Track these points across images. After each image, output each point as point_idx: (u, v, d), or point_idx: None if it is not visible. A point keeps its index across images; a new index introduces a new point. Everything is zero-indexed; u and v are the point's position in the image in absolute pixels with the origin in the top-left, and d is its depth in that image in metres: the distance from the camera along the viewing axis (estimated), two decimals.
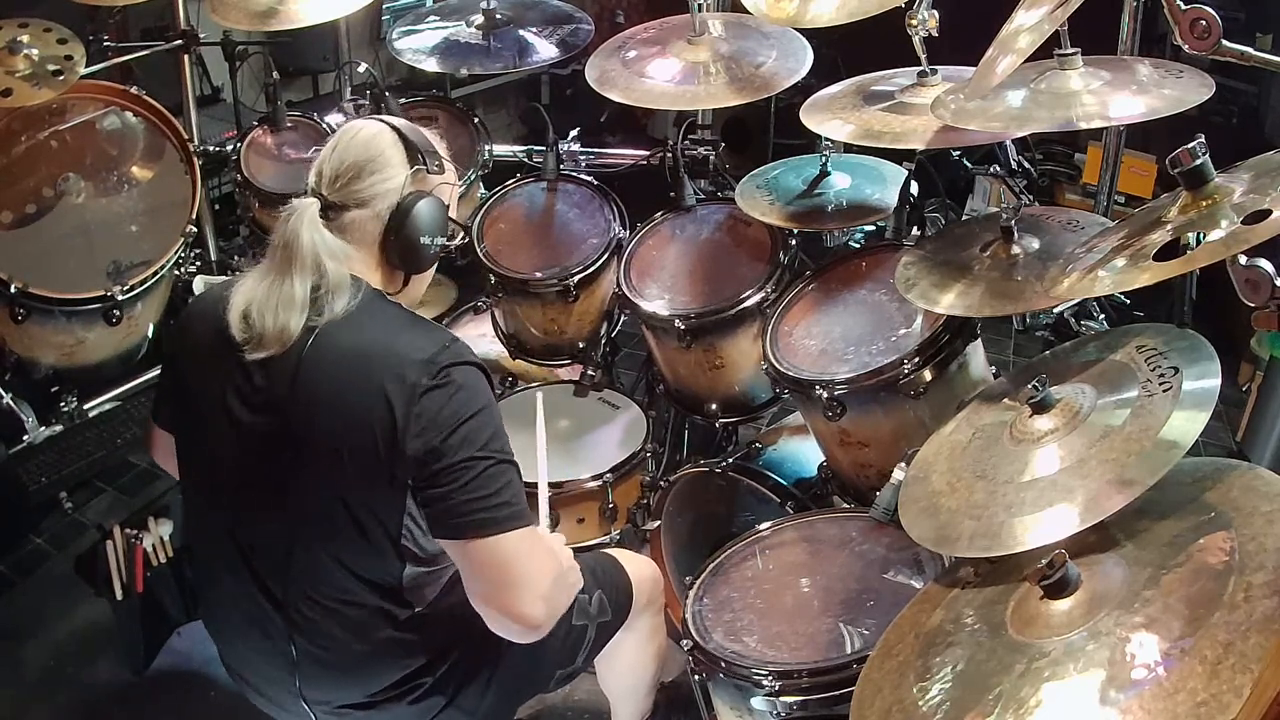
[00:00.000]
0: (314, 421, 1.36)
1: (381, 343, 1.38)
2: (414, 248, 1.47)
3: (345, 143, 1.46)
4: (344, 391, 1.35)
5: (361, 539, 1.38)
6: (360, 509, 1.36)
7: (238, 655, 1.54)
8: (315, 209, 1.41)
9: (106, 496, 2.89)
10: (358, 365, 1.36)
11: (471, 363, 1.39)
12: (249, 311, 1.38)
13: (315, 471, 1.37)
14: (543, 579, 1.38)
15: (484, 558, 1.36)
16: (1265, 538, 1.04)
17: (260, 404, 1.39)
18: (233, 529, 1.44)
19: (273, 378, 1.38)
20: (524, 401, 2.53)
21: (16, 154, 2.53)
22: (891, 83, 1.97)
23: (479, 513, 1.34)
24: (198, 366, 1.46)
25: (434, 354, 1.35)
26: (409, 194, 1.46)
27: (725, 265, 2.32)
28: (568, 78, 4.46)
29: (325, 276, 1.38)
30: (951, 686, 1.14)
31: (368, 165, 1.44)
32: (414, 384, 1.33)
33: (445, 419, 1.33)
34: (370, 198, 1.44)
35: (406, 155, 1.47)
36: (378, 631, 1.44)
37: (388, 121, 1.50)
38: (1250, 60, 1.42)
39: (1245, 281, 1.20)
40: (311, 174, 1.46)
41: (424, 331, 1.43)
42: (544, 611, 1.36)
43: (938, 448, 1.48)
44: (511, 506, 1.35)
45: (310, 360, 1.36)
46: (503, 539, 1.34)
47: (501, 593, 1.36)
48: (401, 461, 1.33)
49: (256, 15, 2.48)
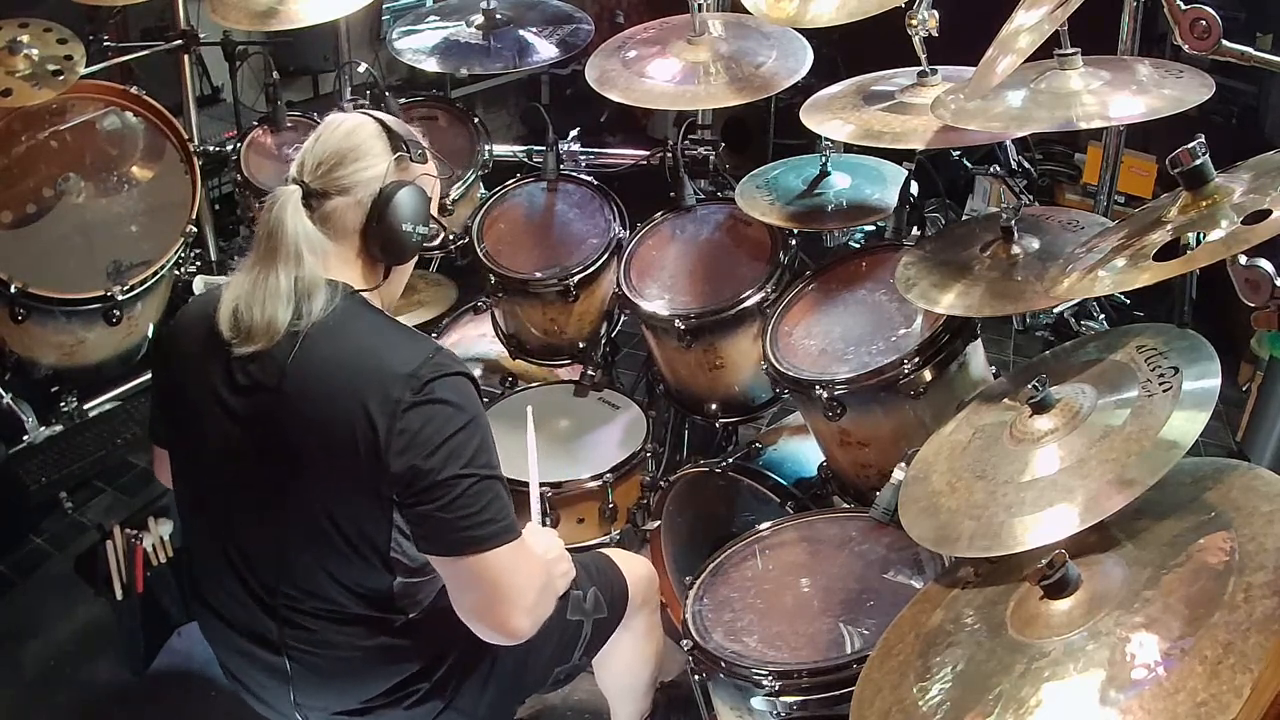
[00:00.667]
0: (298, 434, 1.35)
1: (365, 355, 1.36)
2: (395, 236, 1.45)
3: (328, 133, 1.45)
4: (327, 406, 1.33)
5: (350, 552, 1.37)
6: (347, 524, 1.36)
7: (233, 662, 1.54)
8: (298, 196, 1.40)
9: (106, 496, 2.89)
10: (340, 379, 1.34)
11: (456, 373, 1.37)
12: (238, 306, 1.37)
13: (301, 483, 1.36)
14: (529, 591, 1.38)
15: (471, 574, 1.35)
16: (1265, 538, 1.04)
17: (250, 406, 1.38)
18: (223, 536, 1.44)
19: (260, 379, 1.37)
20: (518, 404, 2.54)
21: (16, 154, 2.53)
22: (891, 83, 1.97)
23: (465, 530, 1.33)
24: (187, 371, 1.45)
25: (416, 368, 1.33)
26: (391, 182, 1.44)
27: (725, 265, 2.32)
28: (568, 78, 4.46)
29: (302, 273, 1.36)
30: (951, 686, 1.14)
31: (350, 153, 1.43)
32: (396, 400, 1.31)
33: (428, 436, 1.31)
34: (352, 185, 1.42)
35: (389, 144, 1.46)
36: (371, 639, 1.43)
37: (370, 113, 1.50)
38: (1250, 60, 1.42)
39: (1245, 281, 1.20)
40: (294, 164, 1.45)
41: (407, 342, 1.40)
42: (530, 623, 1.38)
43: (938, 448, 1.48)
44: (497, 523, 1.34)
45: (295, 369, 1.35)
46: (489, 556, 1.34)
47: (489, 607, 1.36)
48: (386, 479, 1.32)
49: (256, 15, 2.47)
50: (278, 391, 1.35)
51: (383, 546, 1.38)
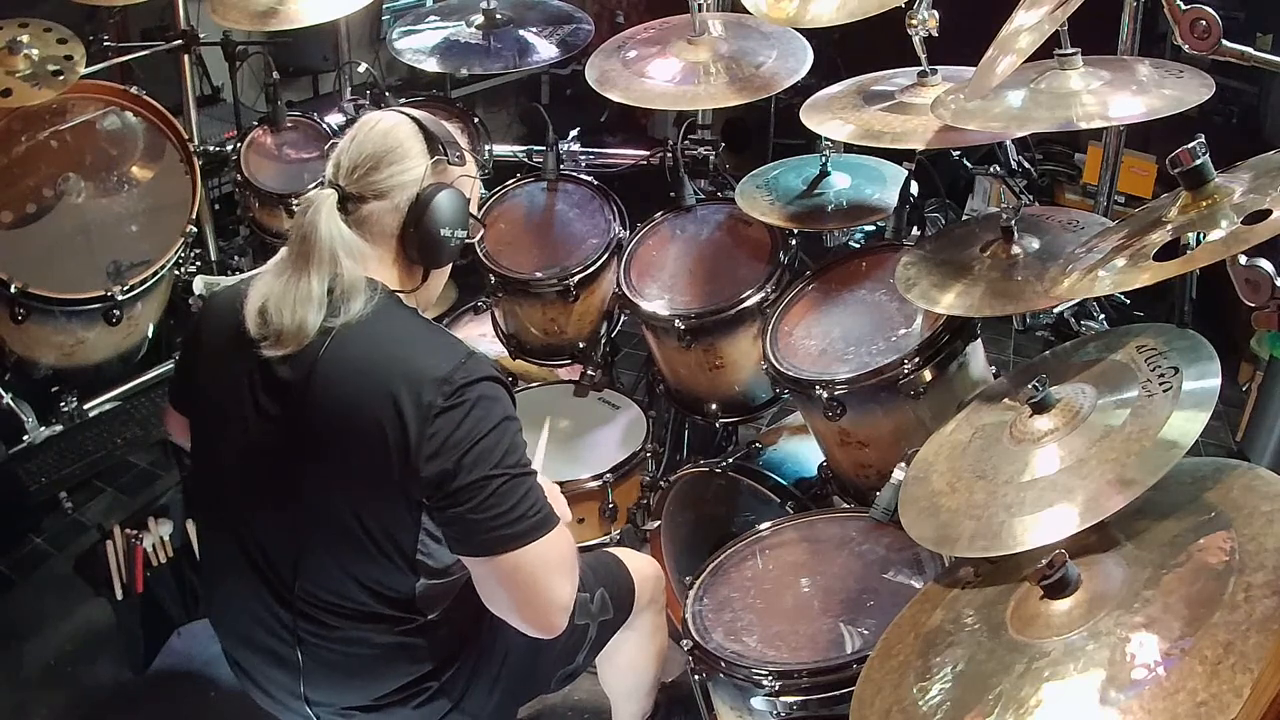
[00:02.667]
0: (327, 433, 1.35)
1: (397, 357, 1.35)
2: (433, 240, 1.44)
3: (364, 134, 1.43)
4: (357, 406, 1.33)
5: (375, 553, 1.37)
6: (374, 524, 1.35)
7: (242, 654, 1.53)
8: (333, 200, 1.38)
9: (106, 496, 2.89)
10: (372, 380, 1.33)
11: (488, 378, 1.36)
12: (266, 307, 1.36)
13: (328, 483, 1.36)
14: (565, 583, 1.39)
15: (504, 573, 1.35)
16: (1265, 538, 1.04)
17: (277, 404, 1.38)
18: (241, 528, 1.44)
19: (290, 377, 1.36)
20: (529, 404, 2.54)
21: (16, 154, 2.53)
22: (891, 83, 1.97)
23: (498, 529, 1.33)
24: (215, 361, 1.45)
25: (449, 372, 1.33)
26: (429, 185, 1.43)
27: (725, 265, 2.32)
28: (568, 78, 4.46)
29: (341, 274, 1.36)
30: (951, 686, 1.14)
31: (386, 156, 1.41)
32: (429, 404, 1.30)
33: (459, 440, 1.31)
34: (389, 189, 1.41)
35: (426, 146, 1.44)
36: (388, 637, 1.43)
37: (407, 112, 1.47)
38: (1250, 60, 1.42)
39: (1245, 281, 1.20)
40: (329, 165, 1.44)
41: (440, 345, 1.40)
42: (564, 616, 1.39)
43: (938, 448, 1.48)
44: (529, 519, 1.34)
45: (325, 366, 1.35)
46: (521, 553, 1.34)
47: (525, 604, 1.37)
48: (416, 482, 1.31)
49: (256, 15, 2.47)
50: (306, 389, 1.35)
51: (409, 548, 1.38)
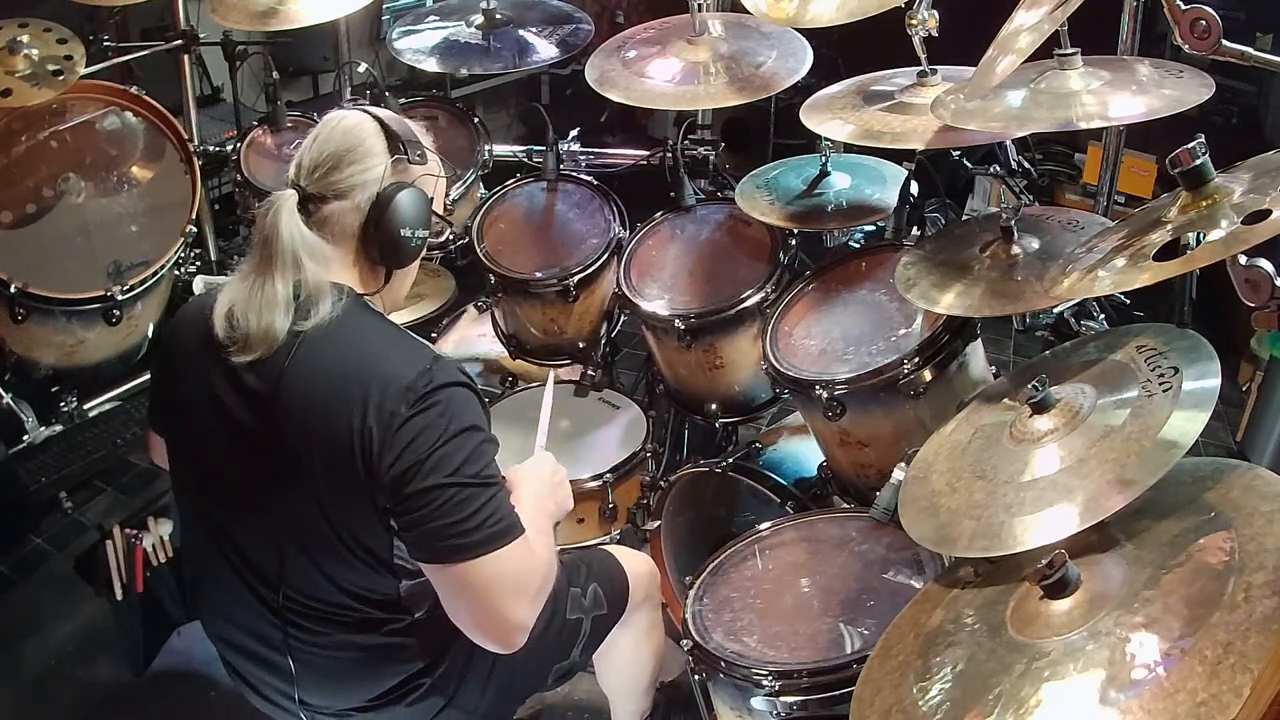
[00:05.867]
0: (297, 440, 1.34)
1: (363, 364, 1.34)
2: (394, 241, 1.42)
3: (326, 133, 1.42)
4: (325, 414, 1.32)
5: (353, 559, 1.37)
6: (346, 533, 1.35)
7: (235, 659, 1.53)
8: (293, 201, 1.38)
9: (106, 496, 2.89)
10: (339, 386, 1.32)
11: (454, 384, 1.35)
12: (233, 312, 1.35)
13: (301, 490, 1.35)
14: (522, 597, 1.36)
15: (460, 582, 1.34)
16: (1265, 538, 1.04)
17: (247, 409, 1.37)
18: (222, 536, 1.43)
19: (259, 383, 1.35)
20: (519, 404, 2.54)
21: (16, 154, 2.53)
22: (891, 83, 1.97)
23: (451, 538, 1.31)
24: (187, 369, 1.44)
25: (413, 380, 1.32)
26: (389, 185, 1.41)
27: (725, 265, 2.32)
28: (568, 78, 4.46)
29: (305, 277, 1.35)
30: (951, 686, 1.14)
31: (347, 155, 1.40)
32: (391, 412, 1.29)
33: (419, 446, 1.30)
34: (349, 189, 1.40)
35: (388, 145, 1.43)
36: (376, 639, 1.43)
37: (370, 111, 1.46)
38: (1250, 60, 1.42)
39: (1245, 281, 1.20)
40: (292, 166, 1.43)
41: (407, 351, 1.38)
42: (520, 636, 1.36)
43: (938, 448, 1.48)
44: (484, 530, 1.32)
45: (293, 372, 1.34)
46: (478, 564, 1.32)
47: (482, 616, 1.35)
48: (380, 488, 1.31)
49: (256, 15, 2.47)
50: (274, 395, 1.34)
51: (383, 553, 1.37)
